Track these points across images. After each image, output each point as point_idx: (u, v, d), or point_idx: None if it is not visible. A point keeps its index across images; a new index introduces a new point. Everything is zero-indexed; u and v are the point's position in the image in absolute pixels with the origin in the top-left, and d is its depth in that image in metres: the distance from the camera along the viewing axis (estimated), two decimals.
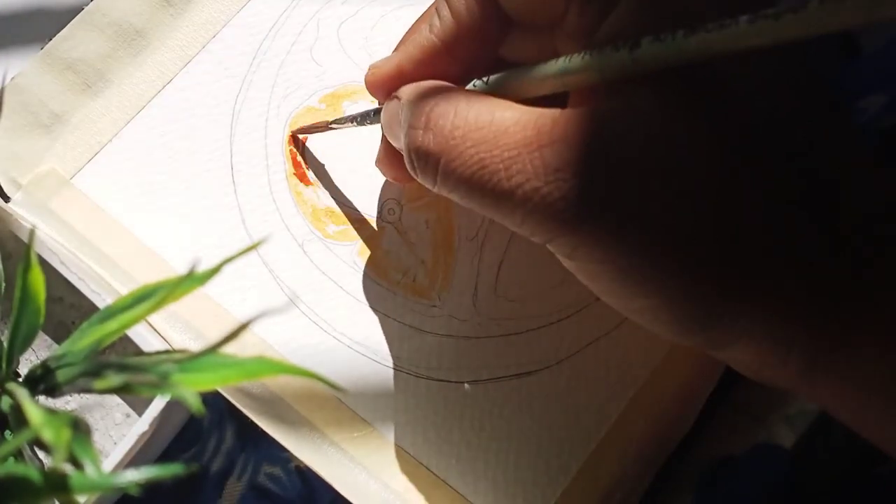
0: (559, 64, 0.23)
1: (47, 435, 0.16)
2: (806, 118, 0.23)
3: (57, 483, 0.17)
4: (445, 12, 0.26)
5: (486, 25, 0.26)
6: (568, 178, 0.22)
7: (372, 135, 0.32)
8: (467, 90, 0.25)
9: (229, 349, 0.19)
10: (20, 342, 0.22)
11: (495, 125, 0.23)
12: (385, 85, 0.27)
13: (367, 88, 0.28)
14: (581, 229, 0.22)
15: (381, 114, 0.27)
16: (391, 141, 0.27)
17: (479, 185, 0.23)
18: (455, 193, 0.24)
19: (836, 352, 0.22)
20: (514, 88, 0.25)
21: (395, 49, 0.28)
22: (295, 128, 0.32)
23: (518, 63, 0.25)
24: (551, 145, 0.22)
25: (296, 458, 0.29)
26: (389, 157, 0.29)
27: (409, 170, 0.26)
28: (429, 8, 0.28)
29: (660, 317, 0.23)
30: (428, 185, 0.25)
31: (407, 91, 0.26)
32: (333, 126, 0.31)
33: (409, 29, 0.28)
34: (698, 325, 0.23)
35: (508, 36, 0.27)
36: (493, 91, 0.25)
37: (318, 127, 0.32)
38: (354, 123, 0.30)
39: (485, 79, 0.26)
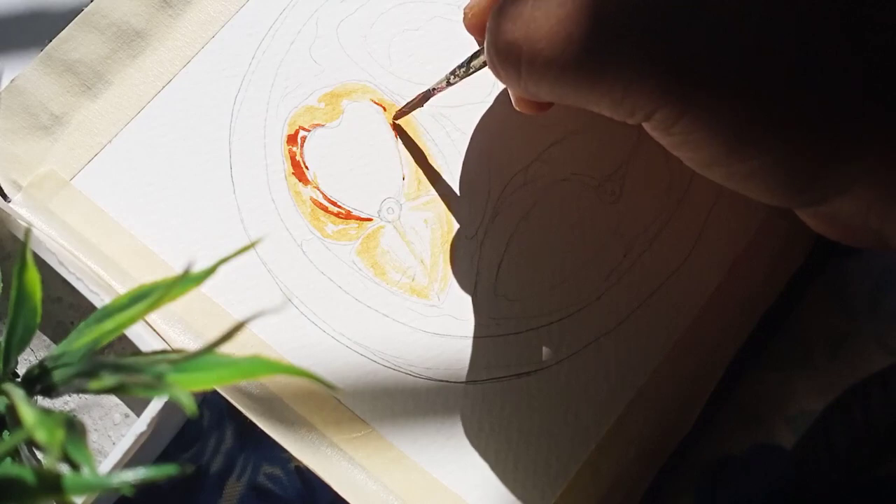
0: None
1: (40, 435, 0.16)
2: None
3: (51, 484, 0.17)
4: None
5: None
6: (674, 39, 0.21)
7: (370, 134, 0.32)
8: None
9: (227, 349, 0.19)
10: (17, 342, 0.22)
11: None
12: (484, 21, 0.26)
13: (469, 31, 0.27)
14: (689, 94, 0.21)
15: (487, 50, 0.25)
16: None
17: (567, 66, 0.22)
18: (543, 83, 0.23)
19: None
20: None
21: None
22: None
23: None
24: (648, 12, 0.21)
25: (295, 458, 0.29)
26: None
27: (493, 73, 0.24)
28: None
29: (770, 176, 0.22)
30: (512, 84, 0.24)
31: None
32: (436, 90, 0.30)
33: None
34: (810, 177, 0.22)
35: None
36: None
37: (415, 102, 0.31)
38: (457, 76, 0.29)
39: None
